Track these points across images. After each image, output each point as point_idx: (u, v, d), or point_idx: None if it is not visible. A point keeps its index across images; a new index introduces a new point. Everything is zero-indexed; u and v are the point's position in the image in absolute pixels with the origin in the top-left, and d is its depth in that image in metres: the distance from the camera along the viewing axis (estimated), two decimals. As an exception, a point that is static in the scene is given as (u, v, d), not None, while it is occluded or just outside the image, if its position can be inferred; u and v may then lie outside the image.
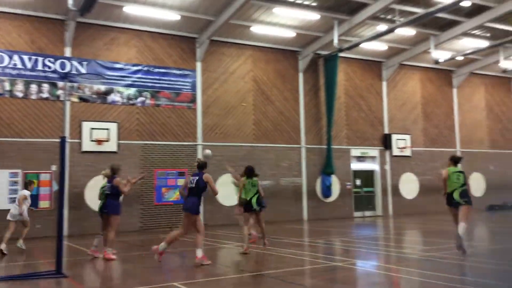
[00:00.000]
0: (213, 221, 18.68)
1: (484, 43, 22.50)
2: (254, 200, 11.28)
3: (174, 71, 19.42)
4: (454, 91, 26.82)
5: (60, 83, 17.16)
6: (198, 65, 19.99)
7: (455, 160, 10.36)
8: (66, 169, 16.58)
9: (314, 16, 19.21)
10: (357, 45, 20.65)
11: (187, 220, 9.62)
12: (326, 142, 22.14)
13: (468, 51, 23.03)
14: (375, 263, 9.52)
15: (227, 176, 19.87)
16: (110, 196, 10.66)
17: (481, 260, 9.21)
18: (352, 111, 23.49)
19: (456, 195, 9.86)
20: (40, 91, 17.13)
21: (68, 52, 17.72)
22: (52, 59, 17.30)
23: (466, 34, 21.77)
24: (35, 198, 16.64)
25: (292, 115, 21.92)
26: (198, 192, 9.71)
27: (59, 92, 17.26)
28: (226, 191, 19.39)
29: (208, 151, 11.07)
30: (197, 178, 9.78)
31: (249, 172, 11.49)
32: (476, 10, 19.73)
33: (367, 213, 23.49)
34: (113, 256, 10.54)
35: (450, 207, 10.02)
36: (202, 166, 10.03)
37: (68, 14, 17.12)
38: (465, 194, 9.91)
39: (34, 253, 12.45)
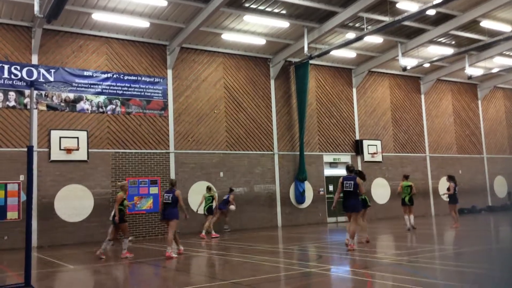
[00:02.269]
0: (188, 229, 18.47)
1: (449, 51, 23.11)
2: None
3: (145, 79, 19.24)
4: (422, 97, 27.41)
5: (27, 91, 16.78)
6: (169, 73, 19.88)
7: (406, 177, 17.13)
8: (34, 179, 16.20)
9: (284, 24, 19.37)
10: (327, 52, 20.90)
11: (354, 215, 11.60)
12: (299, 148, 22.28)
13: (434, 58, 23.59)
14: (349, 268, 9.59)
15: (199, 184, 19.81)
16: (171, 204, 12.06)
17: (450, 263, 9.40)
18: (324, 118, 23.73)
19: (406, 200, 16.54)
20: (6, 99, 16.71)
21: (35, 59, 17.37)
22: (18, 67, 16.93)
23: (432, 41, 22.33)
24: (2, 209, 16.20)
25: (265, 122, 21.99)
26: (355, 193, 11.40)
27: (26, 100, 16.88)
28: (197, 199, 19.33)
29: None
30: (352, 182, 11.42)
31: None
32: (441, 19, 20.26)
33: (340, 219, 23.66)
34: (174, 255, 11.72)
35: (404, 206, 16.73)
36: (353, 170, 11.83)
37: (34, 21, 16.80)
38: (412, 199, 16.61)
39: (2, 265, 12.08)
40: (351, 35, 20.39)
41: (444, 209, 25.82)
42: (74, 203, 17.34)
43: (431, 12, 18.58)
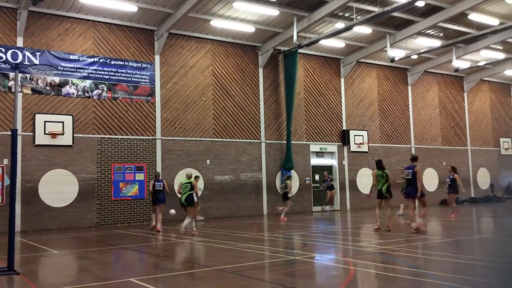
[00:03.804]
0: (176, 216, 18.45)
1: (437, 43, 23.22)
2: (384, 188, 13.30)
3: (132, 64, 19.07)
4: (409, 88, 27.58)
5: (12, 74, 16.53)
6: (157, 58, 19.70)
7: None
8: (18, 163, 16.05)
9: (273, 12, 19.27)
10: (316, 41, 20.87)
11: (412, 202, 12.69)
12: (286, 137, 22.32)
13: (422, 50, 23.71)
14: (332, 256, 9.69)
15: (186, 171, 19.80)
16: (411, 181, 12.48)
17: (431, 253, 9.54)
18: (311, 107, 23.77)
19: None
20: (-10, 82, 16.44)
21: (20, 42, 17.08)
22: (3, 49, 16.65)
23: (420, 33, 22.42)
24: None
25: (252, 110, 21.96)
26: (414, 181, 12.21)
27: (11, 83, 16.64)
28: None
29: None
30: (411, 170, 12.34)
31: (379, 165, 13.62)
32: (430, 10, 20.32)
33: (326, 208, 23.84)
34: (424, 228, 12.57)
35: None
36: (414, 159, 12.68)
37: (20, 2, 16.50)
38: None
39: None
40: (340, 25, 20.38)
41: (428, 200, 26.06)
42: (58, 188, 17.22)
43: (420, 3, 18.64)
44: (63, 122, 17.44)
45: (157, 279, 7.80)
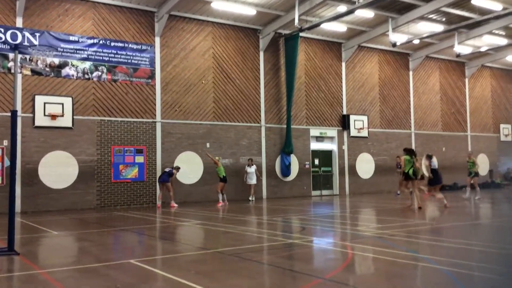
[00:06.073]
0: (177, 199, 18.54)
1: (439, 28, 23.05)
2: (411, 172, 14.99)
3: (132, 46, 18.95)
4: (410, 74, 27.46)
5: (11, 55, 16.43)
6: (157, 40, 19.57)
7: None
8: (18, 144, 16.06)
9: (275, -6, 19.09)
10: (317, 25, 20.71)
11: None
12: (286, 121, 22.29)
13: (424, 35, 23.55)
14: (331, 240, 9.74)
15: (185, 154, 19.85)
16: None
17: (429, 238, 9.60)
18: (312, 92, 23.69)
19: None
20: (-11, 62, 16.35)
21: (19, 22, 16.95)
22: (2, 29, 16.53)
23: (422, 18, 22.23)
24: (-16, 175, 16.04)
25: (252, 94, 21.89)
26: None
27: (10, 64, 16.55)
28: (185, 170, 19.50)
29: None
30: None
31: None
32: (433, -5, 20.12)
33: (325, 192, 23.95)
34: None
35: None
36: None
37: (19, -18, 16.33)
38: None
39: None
40: (342, 8, 20.20)
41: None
42: (58, 169, 17.25)
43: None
44: (62, 104, 17.40)
45: (157, 260, 7.86)
